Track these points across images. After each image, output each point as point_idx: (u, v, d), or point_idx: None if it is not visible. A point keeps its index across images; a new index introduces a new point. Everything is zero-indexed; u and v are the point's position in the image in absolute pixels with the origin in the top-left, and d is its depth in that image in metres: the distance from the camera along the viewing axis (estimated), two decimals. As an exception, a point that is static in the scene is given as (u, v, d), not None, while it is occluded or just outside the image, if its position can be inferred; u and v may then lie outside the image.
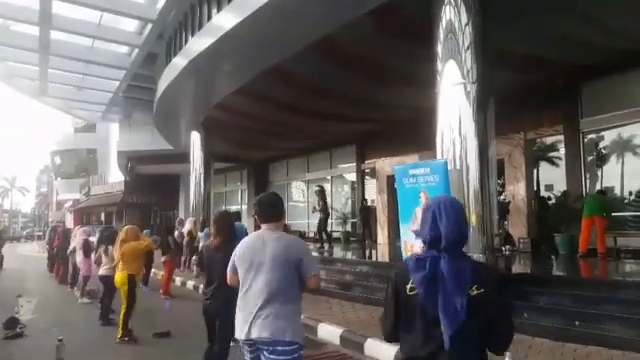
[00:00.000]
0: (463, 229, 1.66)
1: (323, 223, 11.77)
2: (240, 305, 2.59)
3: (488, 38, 6.19)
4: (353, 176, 16.39)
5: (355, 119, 13.25)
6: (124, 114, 22.42)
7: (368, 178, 15.75)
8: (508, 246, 9.51)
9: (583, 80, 9.53)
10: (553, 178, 10.91)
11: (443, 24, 6.16)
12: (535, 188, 11.05)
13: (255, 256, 2.57)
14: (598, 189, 9.35)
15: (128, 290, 5.88)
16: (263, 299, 2.48)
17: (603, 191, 9.22)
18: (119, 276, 5.96)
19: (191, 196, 15.58)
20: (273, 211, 2.69)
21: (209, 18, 9.58)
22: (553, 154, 11.08)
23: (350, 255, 11.34)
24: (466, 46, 6.03)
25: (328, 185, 17.29)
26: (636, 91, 8.78)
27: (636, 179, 9.45)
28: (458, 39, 6.07)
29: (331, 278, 8.72)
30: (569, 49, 8.27)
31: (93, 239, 8.97)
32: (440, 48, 6.21)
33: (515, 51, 7.92)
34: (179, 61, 11.17)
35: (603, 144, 9.96)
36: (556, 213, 9.68)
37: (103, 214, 33.08)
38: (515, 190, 10.59)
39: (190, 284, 10.23)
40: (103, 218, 32.55)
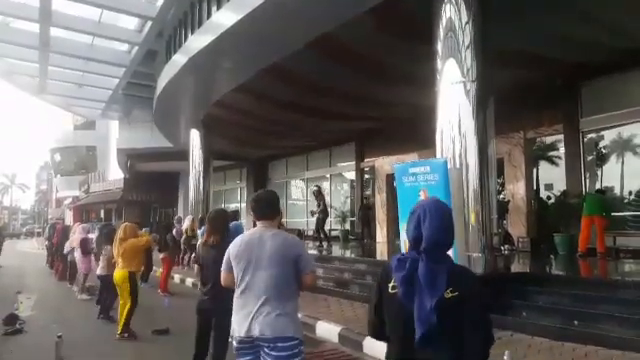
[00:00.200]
0: (445, 233, 1.66)
1: (321, 222, 11.77)
2: (238, 303, 2.57)
3: (488, 37, 6.19)
4: (352, 174, 16.39)
5: (355, 117, 13.25)
6: (124, 111, 22.40)
7: (367, 176, 15.75)
8: (507, 245, 9.51)
9: (583, 79, 9.52)
10: (553, 177, 10.91)
11: (443, 22, 6.16)
12: (535, 187, 11.05)
13: (252, 254, 2.55)
14: (597, 188, 9.35)
15: (130, 288, 5.87)
16: (263, 297, 2.47)
17: (602, 190, 9.21)
18: (119, 274, 5.94)
19: (190, 194, 15.58)
20: (269, 208, 2.68)
21: (209, 16, 9.57)
22: (553, 153, 11.07)
23: (349, 253, 11.34)
24: (466, 45, 6.03)
25: (327, 184, 17.30)
26: (636, 90, 8.78)
27: (636, 179, 9.45)
28: (458, 37, 6.06)
29: (329, 276, 8.73)
30: (569, 48, 8.27)
31: (92, 236, 8.98)
32: (440, 46, 6.21)
33: (515, 50, 7.92)
34: (179, 59, 11.16)
35: (603, 143, 9.96)
36: (555, 212, 9.69)
37: (102, 211, 33.08)
38: (514, 189, 10.59)
39: (189, 281, 10.24)
40: (102, 215, 32.55)
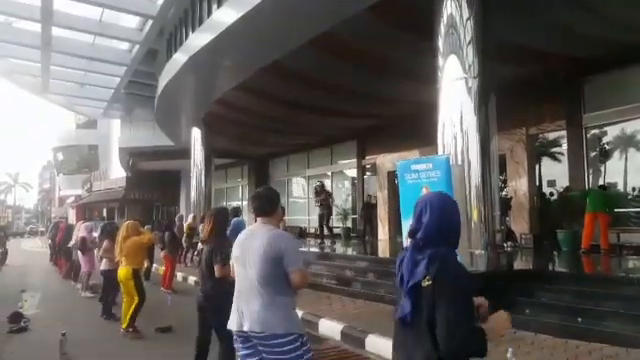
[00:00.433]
0: (443, 224, 1.68)
1: (326, 218, 11.74)
2: (235, 297, 2.64)
3: (489, 33, 6.16)
4: (354, 172, 16.37)
5: (356, 115, 13.22)
6: (125, 110, 22.44)
7: (369, 174, 15.73)
8: (510, 242, 9.49)
9: (586, 75, 9.46)
10: (555, 174, 10.87)
11: (444, 19, 6.13)
12: (537, 184, 11.02)
13: (245, 250, 2.60)
14: (600, 184, 9.31)
15: (135, 285, 5.90)
16: (252, 292, 2.51)
17: (604, 186, 9.17)
18: (123, 271, 5.97)
19: (192, 192, 15.60)
20: (268, 205, 2.69)
21: (209, 14, 9.55)
22: (555, 149, 11.03)
23: (351, 251, 11.34)
24: (467, 41, 6.01)
25: (328, 181, 17.27)
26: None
27: (639, 175, 9.39)
28: (459, 34, 6.04)
29: (332, 274, 8.73)
30: (571, 43, 8.22)
31: (95, 234, 9.01)
32: (441, 43, 6.19)
33: (517, 45, 7.87)
34: (180, 57, 11.15)
35: (606, 139, 9.91)
36: (558, 209, 9.65)
37: (105, 210, 33.19)
38: (517, 186, 10.55)
39: (192, 279, 10.26)
40: (105, 214, 32.65)
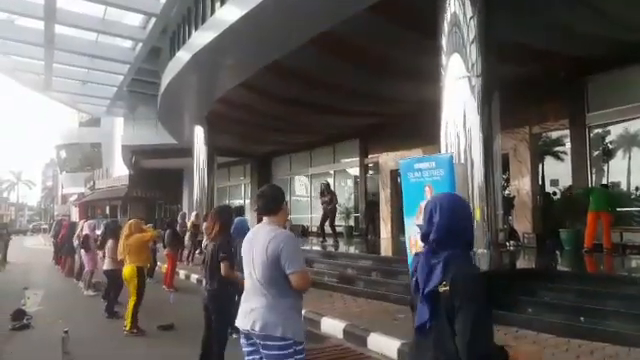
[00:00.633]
0: (454, 226, 1.64)
1: (330, 218, 11.71)
2: (242, 297, 2.66)
3: (493, 31, 6.14)
4: (356, 171, 16.36)
5: (358, 113, 13.21)
6: (128, 108, 22.48)
7: (372, 172, 15.71)
8: (513, 241, 9.44)
9: (589, 74, 9.41)
10: (558, 173, 10.83)
11: (448, 17, 6.12)
12: (540, 183, 10.99)
13: (251, 249, 2.60)
14: (602, 183, 9.27)
15: (138, 283, 5.92)
16: (257, 292, 2.51)
17: (606, 185, 9.14)
18: (127, 269, 5.99)
19: (195, 190, 15.62)
20: (272, 203, 2.67)
21: (212, 12, 9.55)
22: (559, 149, 10.99)
23: (353, 249, 11.34)
24: (471, 39, 5.99)
25: (331, 180, 17.24)
26: (643, 85, 8.68)
27: (643, 174, 9.36)
28: (463, 32, 6.02)
29: (334, 272, 8.73)
30: (574, 42, 8.18)
31: (98, 232, 9.03)
32: (445, 41, 6.17)
33: (520, 44, 7.84)
34: (183, 55, 11.16)
35: (609, 139, 9.86)
36: (561, 208, 9.62)
37: (108, 208, 33.28)
38: (520, 185, 10.53)
39: (194, 277, 10.28)
40: (108, 212, 32.75)
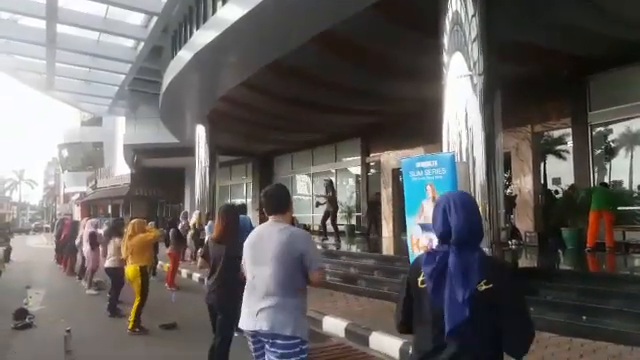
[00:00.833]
0: (473, 224, 1.64)
1: (332, 216, 11.72)
2: (246, 297, 2.60)
3: (495, 30, 6.12)
4: (358, 169, 16.36)
5: (360, 112, 13.20)
6: (130, 107, 22.50)
7: (373, 171, 15.70)
8: (514, 240, 9.46)
9: (591, 72, 9.39)
10: (560, 171, 10.81)
11: (449, 16, 6.10)
12: (542, 181, 10.97)
13: (259, 249, 2.56)
14: (601, 182, 9.24)
15: (142, 282, 5.92)
16: (265, 292, 2.48)
17: (606, 184, 9.12)
18: (130, 269, 5.99)
19: (197, 189, 15.62)
20: (279, 203, 2.66)
21: (214, 11, 9.55)
22: (561, 147, 10.97)
23: (355, 248, 11.34)
24: (472, 38, 5.97)
25: (333, 179, 17.25)
26: (646, 83, 8.65)
27: (645, 173, 9.33)
28: (465, 31, 6.00)
29: (336, 271, 8.73)
30: (577, 41, 8.15)
31: (101, 231, 9.05)
32: (446, 40, 6.15)
33: (522, 43, 7.82)
34: (184, 54, 11.16)
35: (611, 137, 9.84)
36: (563, 207, 9.59)
37: (110, 207, 33.30)
38: (522, 183, 10.51)
39: (196, 276, 10.29)
40: (110, 211, 32.77)
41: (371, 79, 10.24)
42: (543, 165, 11.10)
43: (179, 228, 11.19)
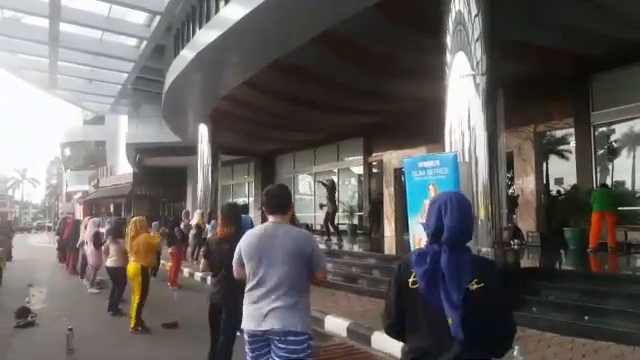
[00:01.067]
0: (466, 225, 1.65)
1: (332, 216, 11.75)
2: (249, 297, 2.57)
3: (498, 29, 6.11)
4: (360, 169, 16.35)
5: (362, 112, 13.19)
6: (133, 106, 22.54)
7: (375, 170, 15.69)
8: (517, 240, 9.44)
9: (594, 72, 9.37)
10: (563, 172, 10.79)
11: (452, 15, 6.08)
12: (545, 182, 10.94)
13: (265, 249, 2.54)
14: (601, 183, 9.21)
15: (142, 281, 5.94)
16: (276, 292, 2.48)
17: (606, 185, 9.09)
18: (132, 267, 6.01)
19: (199, 188, 15.65)
20: (281, 203, 2.66)
21: (217, 10, 9.55)
22: (563, 147, 10.94)
23: (357, 248, 11.34)
24: (475, 37, 5.95)
25: (335, 178, 17.27)
26: (649, 83, 8.62)
27: (648, 173, 9.30)
28: (468, 30, 5.98)
29: (338, 271, 8.73)
30: (580, 40, 8.13)
31: (102, 230, 9.06)
32: (449, 40, 6.13)
33: (525, 42, 7.80)
34: (187, 53, 11.17)
35: (614, 137, 9.81)
36: (566, 207, 9.58)
37: (112, 206, 33.36)
38: (524, 184, 10.50)
39: (198, 275, 10.31)
40: (112, 210, 32.83)
41: (373, 78, 10.23)
42: (545, 165, 11.07)
43: (181, 227, 11.20)
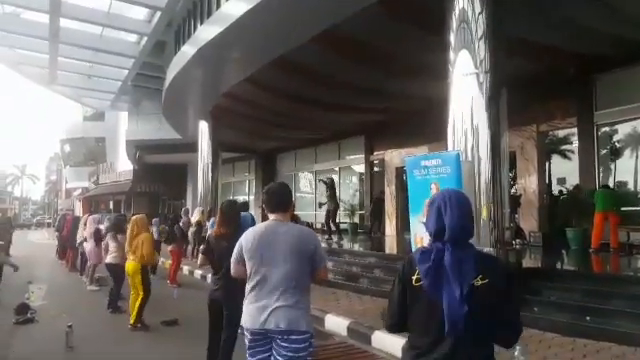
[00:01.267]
0: (467, 222, 1.67)
1: (332, 215, 11.73)
2: (251, 296, 2.55)
3: (501, 27, 6.07)
4: (361, 167, 16.31)
5: (363, 110, 13.14)
6: (133, 103, 22.51)
7: (377, 169, 15.66)
8: (519, 240, 9.39)
9: (597, 72, 9.32)
10: (566, 171, 10.74)
11: (456, 13, 6.04)
12: (547, 181, 10.91)
13: (267, 247, 2.52)
14: (603, 184, 9.18)
15: (142, 279, 5.91)
16: (279, 290, 2.46)
17: (608, 186, 9.05)
18: (131, 265, 5.98)
19: (199, 186, 15.62)
20: (282, 201, 2.65)
21: (218, 6, 9.49)
22: (566, 147, 10.90)
23: (357, 247, 11.31)
24: (479, 35, 5.91)
25: (336, 177, 17.24)
26: (653, 83, 8.58)
27: (650, 173, 9.27)
28: (471, 28, 5.95)
29: (338, 269, 8.71)
30: (584, 40, 8.09)
31: (102, 227, 9.03)
32: (453, 37, 6.10)
33: (528, 42, 7.76)
34: (188, 49, 11.12)
35: (617, 137, 9.77)
36: (568, 207, 9.54)
37: (112, 202, 33.36)
38: (527, 183, 10.46)
39: (198, 273, 10.28)
40: (112, 206, 32.83)
41: (376, 76, 10.18)
42: (548, 165, 11.04)
43: (181, 225, 11.16)
